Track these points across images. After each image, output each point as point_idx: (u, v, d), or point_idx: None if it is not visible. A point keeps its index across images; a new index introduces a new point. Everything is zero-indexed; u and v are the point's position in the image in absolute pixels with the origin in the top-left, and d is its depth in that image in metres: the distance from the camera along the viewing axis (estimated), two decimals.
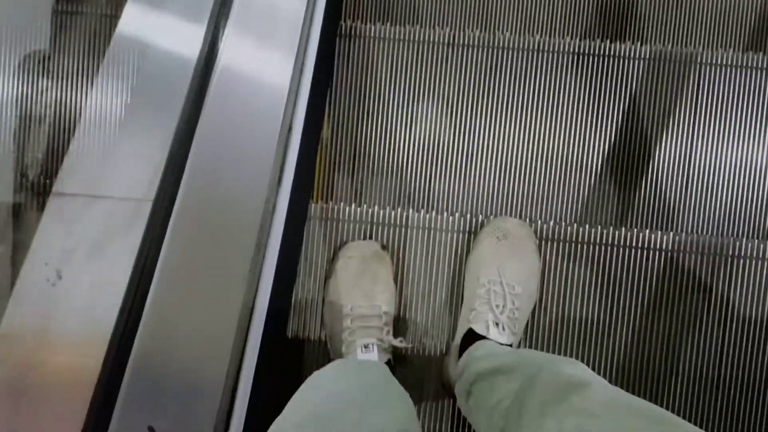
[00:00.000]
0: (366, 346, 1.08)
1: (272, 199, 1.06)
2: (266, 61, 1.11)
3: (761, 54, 1.39)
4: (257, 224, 0.99)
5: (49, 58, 1.40)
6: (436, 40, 1.41)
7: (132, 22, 1.03)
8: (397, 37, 1.41)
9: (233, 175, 0.99)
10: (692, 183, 1.35)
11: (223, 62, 1.06)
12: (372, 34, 1.42)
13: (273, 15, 1.18)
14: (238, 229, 0.99)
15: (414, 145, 1.39)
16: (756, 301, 1.17)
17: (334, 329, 1.13)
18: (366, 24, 1.43)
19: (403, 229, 1.20)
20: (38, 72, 1.38)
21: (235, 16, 1.11)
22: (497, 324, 1.06)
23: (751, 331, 1.17)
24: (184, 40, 1.05)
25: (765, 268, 1.17)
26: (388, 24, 1.44)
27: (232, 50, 1.08)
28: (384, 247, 1.20)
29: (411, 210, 1.22)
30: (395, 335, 1.13)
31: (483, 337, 1.06)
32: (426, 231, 1.20)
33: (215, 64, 1.07)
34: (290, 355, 1.21)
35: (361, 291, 1.13)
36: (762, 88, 1.37)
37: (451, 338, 1.16)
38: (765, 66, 1.38)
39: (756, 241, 1.18)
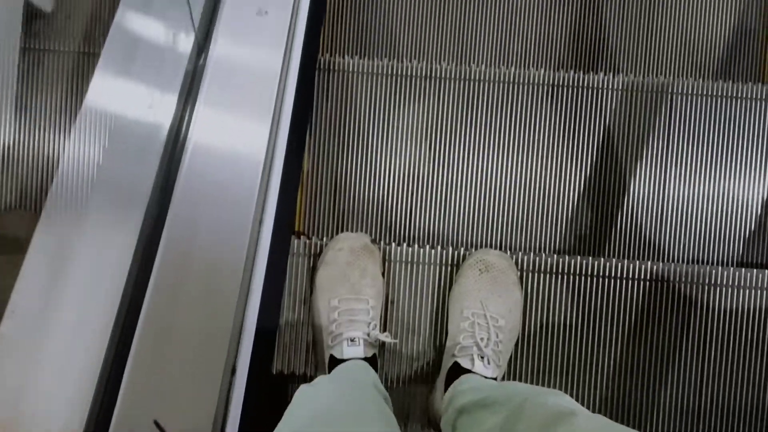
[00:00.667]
0: (352, 340, 1.08)
1: (255, 237, 1.07)
2: (245, 102, 1.13)
3: (730, 82, 1.43)
4: (241, 263, 1.00)
5: None
6: (414, 73, 1.43)
7: (97, 101, 1.01)
8: (375, 70, 1.43)
9: (215, 219, 1.00)
10: (667, 212, 1.37)
11: (203, 103, 1.07)
12: (350, 68, 1.43)
13: (251, 59, 1.19)
14: (222, 269, 0.99)
15: (394, 177, 1.40)
16: (733, 329, 1.19)
17: (321, 322, 1.13)
18: (344, 58, 1.44)
19: (386, 263, 1.21)
20: None
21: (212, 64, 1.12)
22: (482, 357, 1.07)
23: (730, 359, 1.19)
24: (157, 104, 1.05)
25: (741, 296, 1.20)
26: (366, 58, 1.45)
27: (211, 92, 1.09)
28: (374, 241, 1.21)
29: (393, 244, 1.23)
30: (382, 330, 1.14)
31: (468, 371, 1.07)
32: (408, 264, 1.21)
33: (193, 108, 1.08)
34: (275, 391, 1.21)
35: (348, 284, 1.13)
36: (731, 116, 1.41)
37: (436, 372, 1.17)
38: (734, 94, 1.41)
39: (731, 269, 1.21)
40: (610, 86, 1.42)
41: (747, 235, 1.37)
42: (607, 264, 1.21)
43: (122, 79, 1.04)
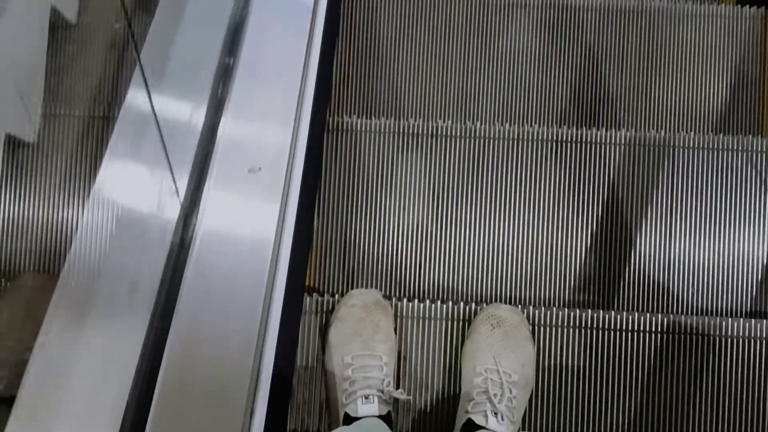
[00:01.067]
0: (366, 397, 1.08)
1: (268, 299, 1.08)
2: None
3: (730, 136, 1.46)
4: (255, 325, 1.01)
5: None
6: (419, 131, 1.46)
7: (104, 192, 1.00)
8: (381, 129, 1.46)
9: (227, 286, 1.02)
10: (675, 263, 1.38)
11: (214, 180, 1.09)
12: (357, 128, 1.47)
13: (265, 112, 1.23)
14: (235, 332, 1.00)
15: (403, 233, 1.42)
16: (745, 379, 1.20)
17: (334, 380, 1.13)
18: (351, 118, 1.48)
19: (397, 319, 1.22)
20: None
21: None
22: (496, 414, 1.07)
23: (743, 411, 1.19)
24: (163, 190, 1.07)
25: (753, 347, 1.20)
26: (373, 117, 1.49)
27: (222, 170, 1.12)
28: (386, 297, 1.21)
29: (404, 300, 1.24)
30: (395, 387, 1.14)
31: (482, 427, 1.07)
32: (420, 320, 1.22)
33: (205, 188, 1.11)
34: None
35: (361, 340, 1.14)
36: (733, 168, 1.43)
37: (450, 428, 1.17)
38: (734, 147, 1.44)
39: (741, 320, 1.21)
40: (613, 141, 1.45)
41: (755, 285, 1.38)
42: (618, 317, 1.22)
43: (130, 167, 1.06)
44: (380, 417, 1.08)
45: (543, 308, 1.23)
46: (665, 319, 1.21)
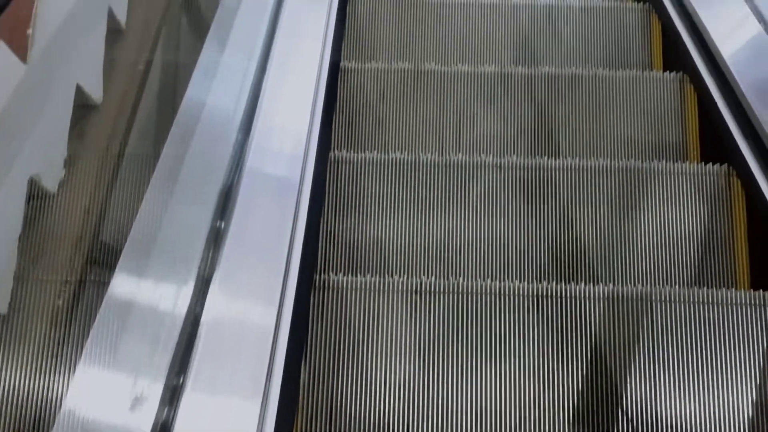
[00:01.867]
0: None
1: None
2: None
3: (705, 288, 1.50)
4: None
5: None
6: (404, 288, 1.49)
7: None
8: (366, 287, 1.49)
9: None
10: (662, 418, 1.38)
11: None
12: (344, 286, 1.50)
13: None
14: None
15: (391, 392, 1.41)
16: None
17: None
18: (338, 276, 1.51)
19: None
20: None
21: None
22: None
23: None
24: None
25: None
26: (359, 275, 1.52)
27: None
28: None
29: None
30: None
31: None
32: None
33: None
34: None
35: None
36: (709, 321, 1.46)
37: None
38: (710, 300, 1.48)
39: None
40: (592, 296, 1.48)
41: None
42: None
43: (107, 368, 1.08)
44: None
45: None
46: None
